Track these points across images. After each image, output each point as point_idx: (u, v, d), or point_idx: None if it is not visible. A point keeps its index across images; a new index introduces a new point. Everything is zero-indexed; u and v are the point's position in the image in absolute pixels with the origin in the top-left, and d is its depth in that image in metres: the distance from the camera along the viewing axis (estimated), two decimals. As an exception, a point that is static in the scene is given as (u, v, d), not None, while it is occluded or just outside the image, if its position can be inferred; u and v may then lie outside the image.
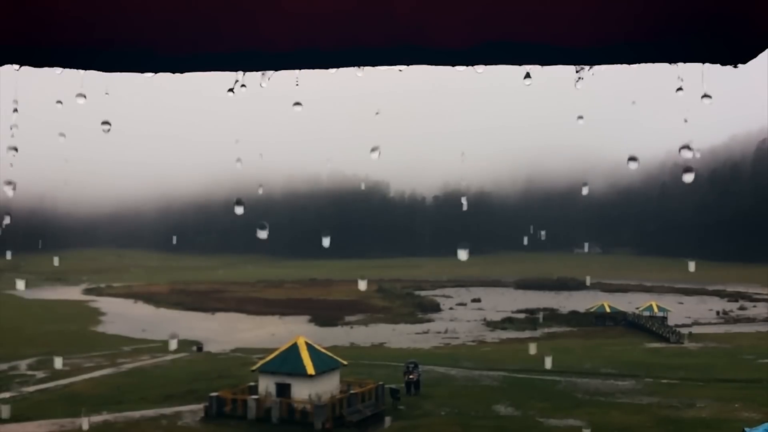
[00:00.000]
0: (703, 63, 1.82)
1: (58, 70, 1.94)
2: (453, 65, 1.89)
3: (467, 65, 1.88)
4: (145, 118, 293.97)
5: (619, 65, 1.91)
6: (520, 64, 1.87)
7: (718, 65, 1.83)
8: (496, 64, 1.87)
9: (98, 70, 1.91)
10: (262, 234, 5.23)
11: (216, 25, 1.82)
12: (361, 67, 1.90)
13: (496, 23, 1.77)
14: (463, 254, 5.98)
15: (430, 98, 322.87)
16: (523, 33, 1.78)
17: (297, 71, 1.92)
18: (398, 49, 1.83)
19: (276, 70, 1.91)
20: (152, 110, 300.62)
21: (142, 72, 1.91)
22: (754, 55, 1.78)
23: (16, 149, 3.05)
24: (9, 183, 3.05)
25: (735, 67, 1.81)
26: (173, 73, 1.91)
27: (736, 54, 1.79)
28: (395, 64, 1.89)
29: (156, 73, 1.92)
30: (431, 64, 1.87)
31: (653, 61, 1.82)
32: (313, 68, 1.89)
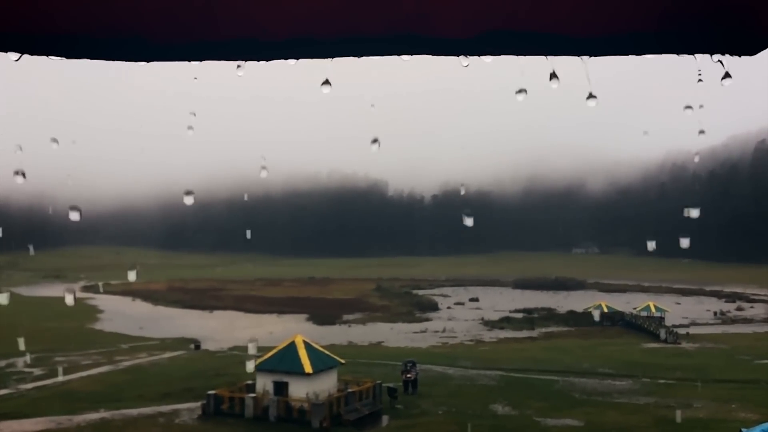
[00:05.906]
0: (713, 53, 1.76)
1: (56, 60, 1.88)
2: (455, 55, 1.83)
3: (469, 55, 1.82)
4: (145, 117, 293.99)
5: (624, 58, 1.86)
6: (524, 55, 1.80)
7: (728, 56, 1.77)
8: (499, 54, 1.81)
9: (91, 59, 1.86)
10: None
11: (212, 12, 1.77)
12: (360, 57, 1.84)
13: (499, 12, 1.72)
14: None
15: (429, 97, 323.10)
16: (527, 22, 1.73)
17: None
18: (398, 39, 1.78)
19: (273, 60, 1.85)
20: (153, 109, 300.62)
21: (136, 60, 1.86)
22: (766, 46, 1.73)
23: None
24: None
25: (751, 55, 1.75)
26: (167, 61, 1.86)
27: (746, 44, 1.74)
28: (395, 54, 1.83)
29: (150, 61, 1.87)
30: (432, 54, 1.81)
31: (661, 52, 1.76)
32: (311, 58, 1.83)
